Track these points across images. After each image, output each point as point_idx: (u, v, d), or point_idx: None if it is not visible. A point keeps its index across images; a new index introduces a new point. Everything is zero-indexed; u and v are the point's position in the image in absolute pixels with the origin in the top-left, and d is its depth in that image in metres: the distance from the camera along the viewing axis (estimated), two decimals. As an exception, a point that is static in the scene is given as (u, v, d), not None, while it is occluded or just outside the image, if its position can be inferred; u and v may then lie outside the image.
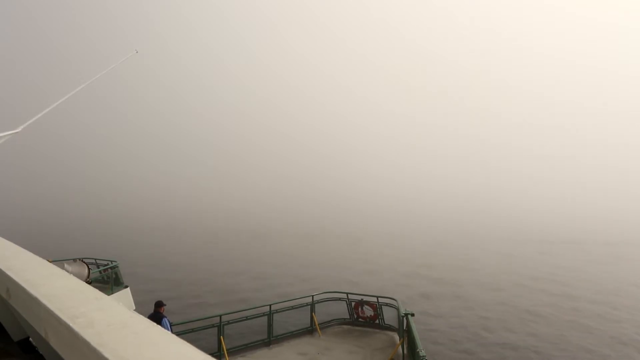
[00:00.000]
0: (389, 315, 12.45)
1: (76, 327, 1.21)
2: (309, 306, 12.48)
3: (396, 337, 11.47)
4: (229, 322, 11.04)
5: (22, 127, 7.44)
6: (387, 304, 12.34)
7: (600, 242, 59.27)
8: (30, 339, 2.35)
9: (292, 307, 12.42)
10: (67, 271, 2.88)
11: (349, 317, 12.97)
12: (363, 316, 12.72)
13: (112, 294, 13.96)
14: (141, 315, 1.36)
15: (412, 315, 9.77)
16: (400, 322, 10.51)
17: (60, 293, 1.60)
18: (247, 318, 11.43)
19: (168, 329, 9.08)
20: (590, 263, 41.72)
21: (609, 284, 32.06)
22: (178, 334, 7.90)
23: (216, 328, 10.78)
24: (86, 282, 2.17)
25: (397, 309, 11.34)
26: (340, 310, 13.17)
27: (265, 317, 11.74)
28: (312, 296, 12.70)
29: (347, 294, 12.97)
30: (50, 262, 2.56)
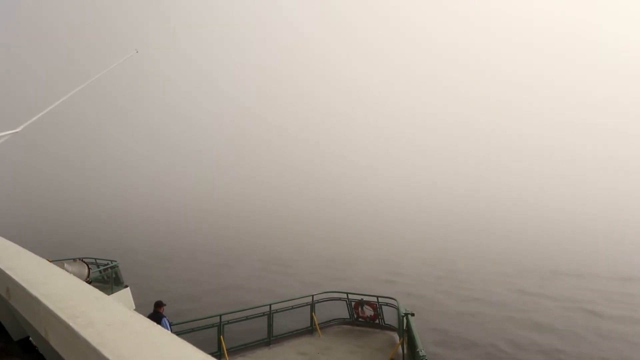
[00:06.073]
0: (389, 315, 12.47)
1: (76, 326, 1.22)
2: (309, 306, 12.50)
3: (396, 337, 11.49)
4: (229, 322, 11.05)
5: (22, 126, 7.45)
6: (387, 303, 12.36)
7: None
8: (30, 338, 2.36)
9: (292, 307, 12.44)
10: (67, 271, 2.89)
11: (349, 317, 12.98)
12: (363, 316, 12.73)
13: (112, 293, 13.99)
14: (141, 315, 1.36)
15: (412, 315, 9.78)
16: (400, 322, 10.52)
17: (60, 293, 1.60)
18: (247, 318, 11.44)
19: (167, 329, 9.08)
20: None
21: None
22: (178, 334, 7.87)
23: (216, 328, 10.79)
24: (86, 282, 2.18)
25: (397, 308, 11.36)
26: (340, 310, 13.19)
27: (265, 317, 11.76)
28: (312, 296, 12.72)
29: (347, 293, 12.99)
30: (50, 262, 2.56)
